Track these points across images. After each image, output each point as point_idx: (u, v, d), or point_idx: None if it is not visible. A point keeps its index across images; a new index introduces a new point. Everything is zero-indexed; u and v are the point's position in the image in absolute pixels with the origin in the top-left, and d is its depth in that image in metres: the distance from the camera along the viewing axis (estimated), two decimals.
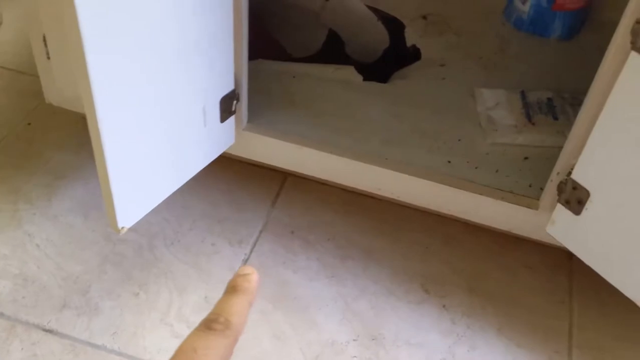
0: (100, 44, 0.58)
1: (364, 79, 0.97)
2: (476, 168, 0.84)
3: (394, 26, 1.08)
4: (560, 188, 0.73)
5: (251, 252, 0.87)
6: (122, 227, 0.71)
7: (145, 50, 0.64)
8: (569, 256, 0.88)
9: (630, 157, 0.64)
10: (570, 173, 0.71)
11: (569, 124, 0.86)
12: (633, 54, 0.61)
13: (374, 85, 0.96)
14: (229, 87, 0.79)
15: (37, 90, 1.06)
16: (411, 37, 1.05)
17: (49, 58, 0.86)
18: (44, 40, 0.84)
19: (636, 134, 0.63)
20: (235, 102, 0.81)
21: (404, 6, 1.10)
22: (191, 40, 0.69)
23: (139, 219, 0.72)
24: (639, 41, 0.60)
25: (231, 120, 0.82)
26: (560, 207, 0.73)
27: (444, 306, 0.83)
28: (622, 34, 0.62)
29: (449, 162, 0.85)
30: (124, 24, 0.60)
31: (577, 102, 0.89)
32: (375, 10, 1.09)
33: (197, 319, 0.33)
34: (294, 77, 0.97)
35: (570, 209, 0.72)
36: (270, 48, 1.01)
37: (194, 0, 0.67)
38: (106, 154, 0.64)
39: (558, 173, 0.74)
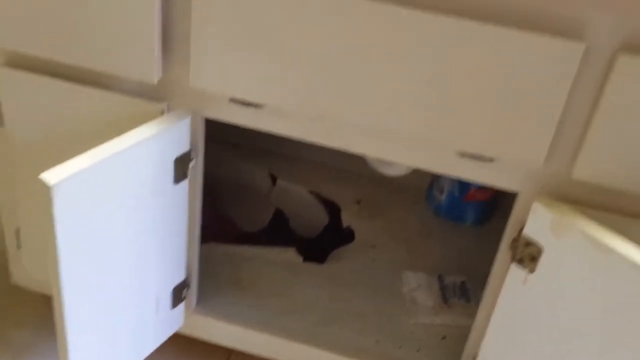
0: (70, 249, 0.69)
1: (304, 260, 1.10)
2: (400, 347, 0.94)
3: (332, 208, 1.23)
4: None
5: None
6: None
7: (108, 259, 0.75)
8: None
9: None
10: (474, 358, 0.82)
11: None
12: (513, 265, 0.75)
13: (313, 266, 1.09)
14: (180, 277, 0.90)
15: None
16: (347, 219, 1.19)
17: (18, 248, 0.96)
18: (17, 232, 0.95)
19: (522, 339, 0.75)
20: (186, 289, 0.92)
21: (342, 192, 1.26)
22: (148, 245, 0.81)
23: None
24: (517, 255, 0.75)
25: (181, 305, 0.92)
26: None
27: None
28: (504, 246, 0.77)
29: (377, 341, 0.95)
30: (89, 239, 0.71)
31: None
32: (316, 194, 1.24)
33: None
34: (243, 259, 1.08)
35: None
36: (223, 226, 1.14)
37: (153, 219, 0.79)
38: (68, 341, 0.72)
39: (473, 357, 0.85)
